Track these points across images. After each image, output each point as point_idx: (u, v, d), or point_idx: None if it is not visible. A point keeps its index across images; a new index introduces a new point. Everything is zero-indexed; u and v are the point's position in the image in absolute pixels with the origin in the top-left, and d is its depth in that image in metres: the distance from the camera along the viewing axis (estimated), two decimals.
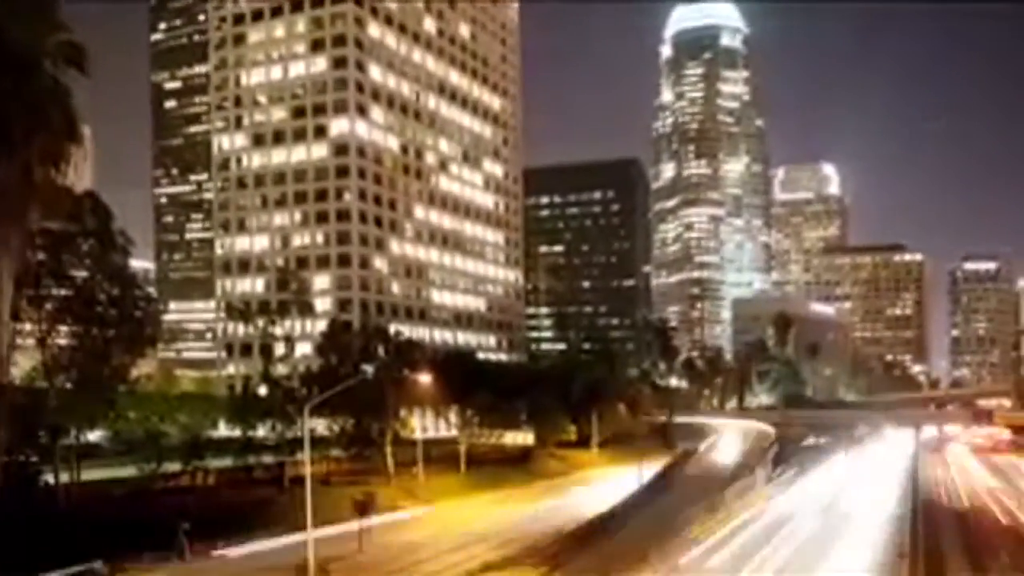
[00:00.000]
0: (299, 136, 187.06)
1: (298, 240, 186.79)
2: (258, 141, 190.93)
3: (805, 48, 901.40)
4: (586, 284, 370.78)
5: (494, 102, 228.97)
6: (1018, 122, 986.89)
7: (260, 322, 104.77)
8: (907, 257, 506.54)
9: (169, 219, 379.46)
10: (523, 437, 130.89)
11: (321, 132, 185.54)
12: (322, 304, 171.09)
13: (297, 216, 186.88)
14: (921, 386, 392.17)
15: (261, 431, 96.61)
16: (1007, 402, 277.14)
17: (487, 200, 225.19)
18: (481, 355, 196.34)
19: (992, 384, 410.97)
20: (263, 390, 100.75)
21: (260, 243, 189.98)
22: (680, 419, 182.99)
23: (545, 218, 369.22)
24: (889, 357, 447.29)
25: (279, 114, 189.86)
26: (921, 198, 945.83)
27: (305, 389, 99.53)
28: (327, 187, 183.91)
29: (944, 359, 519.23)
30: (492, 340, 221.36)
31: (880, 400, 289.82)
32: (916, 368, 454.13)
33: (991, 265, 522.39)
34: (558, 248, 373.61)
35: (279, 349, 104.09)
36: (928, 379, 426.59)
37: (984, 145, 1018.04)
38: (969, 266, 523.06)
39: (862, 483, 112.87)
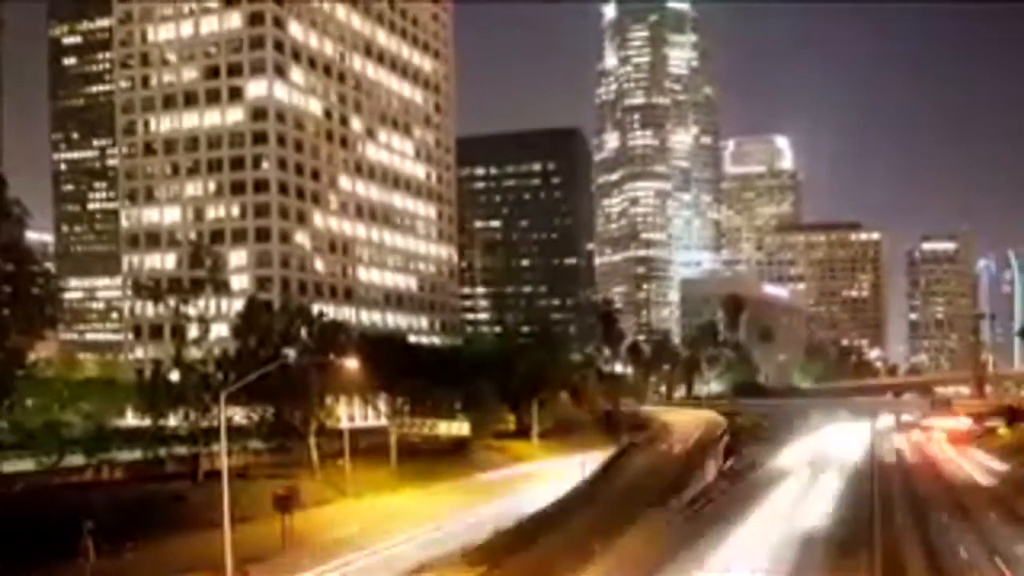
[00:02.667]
0: (212, 98, 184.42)
1: (212, 212, 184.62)
2: (167, 103, 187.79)
3: (757, 12, 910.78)
4: (525, 262, 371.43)
5: (425, 64, 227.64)
6: (978, 97, 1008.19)
7: (171, 301, 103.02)
8: (863, 236, 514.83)
9: (69, 188, 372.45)
10: (458, 427, 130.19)
11: (236, 94, 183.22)
12: (239, 282, 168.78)
13: (211, 186, 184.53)
14: (878, 372, 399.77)
15: (173, 420, 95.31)
16: (965, 389, 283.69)
17: (418, 170, 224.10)
18: (412, 338, 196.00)
19: (951, 371, 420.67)
20: (175, 375, 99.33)
21: (171, 215, 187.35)
22: (626, 408, 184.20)
23: (480, 191, 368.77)
24: (845, 342, 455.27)
25: (190, 74, 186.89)
26: (878, 174, 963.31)
27: (221, 374, 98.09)
28: (243, 155, 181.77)
29: (902, 344, 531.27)
30: (424, 322, 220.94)
31: (836, 387, 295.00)
32: (873, 353, 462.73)
33: (950, 245, 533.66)
34: (495, 223, 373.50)
35: (192, 331, 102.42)
36: (885, 365, 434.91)
37: (942, 120, 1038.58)
38: (927, 246, 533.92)
39: None
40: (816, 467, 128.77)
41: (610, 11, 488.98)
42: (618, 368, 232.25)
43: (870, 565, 65.33)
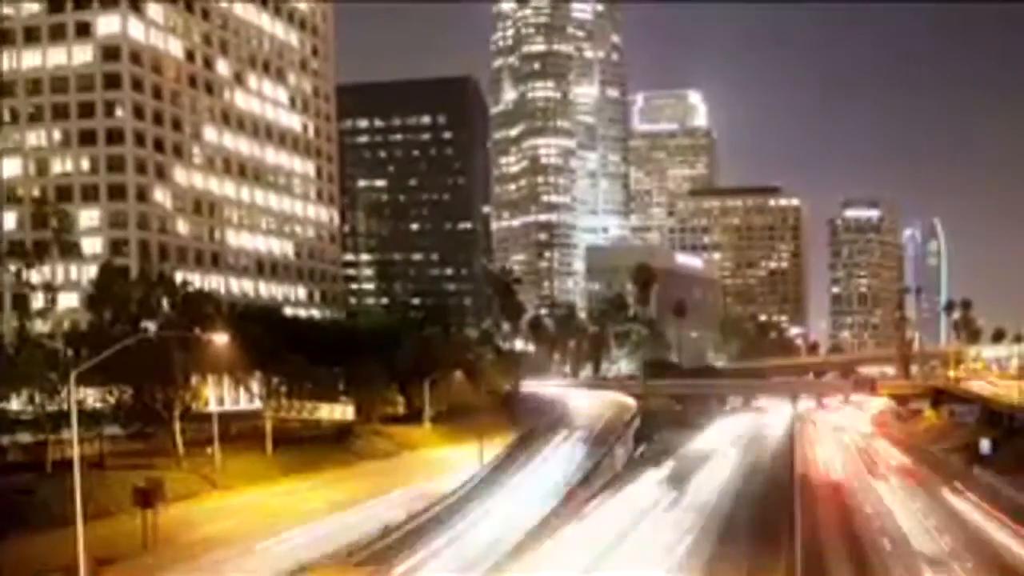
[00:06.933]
0: (57, 35, 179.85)
1: (58, 166, 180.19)
2: (4, 40, 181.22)
3: None
4: (414, 226, 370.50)
5: (300, 2, 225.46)
6: (904, 54, 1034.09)
7: (12, 267, 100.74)
8: (783, 202, 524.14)
9: None
10: (341, 411, 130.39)
11: (85, 31, 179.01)
12: (91, 246, 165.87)
13: (56, 135, 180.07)
14: (799, 351, 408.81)
15: (15, 403, 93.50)
16: (890, 369, 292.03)
17: (293, 122, 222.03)
18: (289, 310, 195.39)
19: (875, 349, 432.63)
20: (17, 351, 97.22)
21: (10, 168, 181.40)
22: (527, 389, 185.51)
23: (364, 146, 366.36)
24: (763, 317, 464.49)
25: (29, 7, 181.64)
26: (798, 133, 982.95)
27: (71, 351, 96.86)
28: (94, 100, 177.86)
29: (823, 319, 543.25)
30: (302, 292, 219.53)
31: (754, 367, 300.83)
32: (793, 330, 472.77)
33: (873, 213, 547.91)
34: (380, 182, 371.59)
35: (37, 301, 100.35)
36: (806, 343, 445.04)
37: (866, 76, 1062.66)
38: (850, 213, 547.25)
39: None
40: None
41: None
42: (519, 345, 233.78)
43: None
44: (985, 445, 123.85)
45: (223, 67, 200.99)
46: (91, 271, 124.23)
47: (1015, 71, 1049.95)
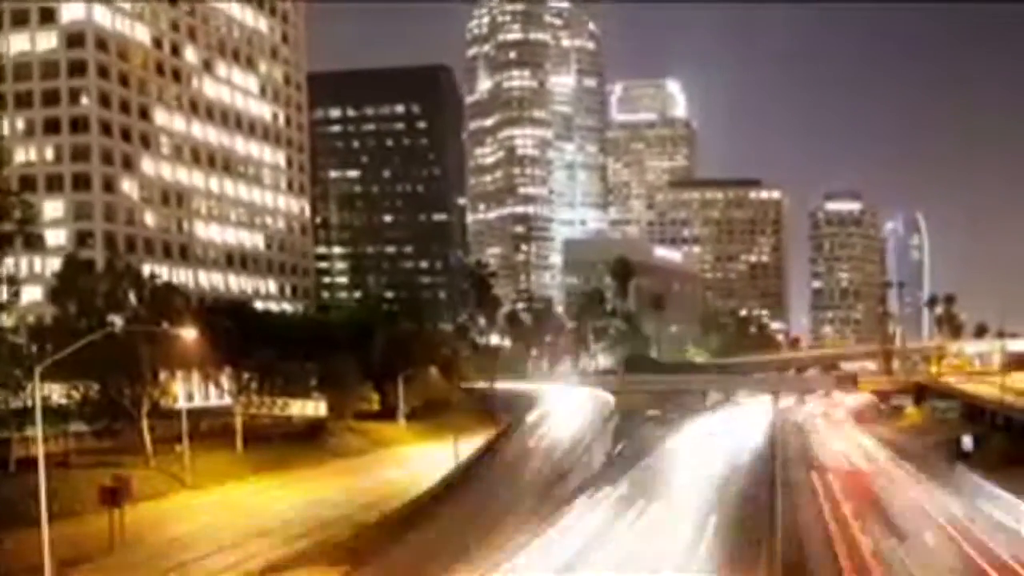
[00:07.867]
0: (19, 21, 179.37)
1: (21, 155, 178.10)
2: None
3: None
4: (387, 218, 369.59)
5: None
6: (888, 47, 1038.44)
7: None
8: (764, 194, 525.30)
9: None
10: (314, 407, 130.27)
11: (49, 17, 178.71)
12: (55, 237, 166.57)
13: (19, 124, 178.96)
14: (780, 346, 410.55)
15: None
16: (872, 365, 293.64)
17: (263, 111, 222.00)
18: (259, 304, 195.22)
19: (857, 344, 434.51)
20: None
21: None
22: (504, 385, 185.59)
23: (336, 135, 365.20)
24: (744, 312, 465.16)
25: None
26: (779, 124, 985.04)
27: (35, 345, 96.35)
28: (58, 88, 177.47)
29: (804, 314, 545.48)
30: (272, 286, 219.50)
31: (734, 363, 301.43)
32: (774, 325, 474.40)
33: (855, 206, 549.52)
34: (352, 173, 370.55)
35: (0, 294, 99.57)
36: (787, 338, 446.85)
37: (849, 64, 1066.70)
38: (831, 206, 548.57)
39: None
40: None
41: None
42: (495, 340, 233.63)
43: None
44: (967, 442, 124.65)
45: (191, 55, 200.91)
46: (55, 264, 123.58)
47: (1000, 65, 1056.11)
